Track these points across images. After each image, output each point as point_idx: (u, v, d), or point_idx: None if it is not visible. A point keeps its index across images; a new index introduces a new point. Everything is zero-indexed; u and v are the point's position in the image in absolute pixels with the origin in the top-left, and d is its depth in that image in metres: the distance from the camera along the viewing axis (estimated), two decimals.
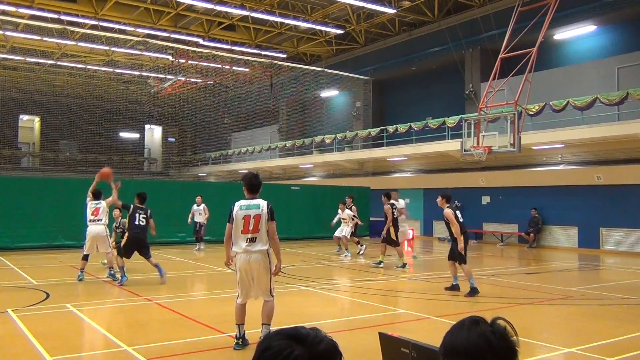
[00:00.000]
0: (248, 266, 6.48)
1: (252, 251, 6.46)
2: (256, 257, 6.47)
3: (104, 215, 11.67)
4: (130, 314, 8.74)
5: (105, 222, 11.71)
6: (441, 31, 24.85)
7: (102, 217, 11.63)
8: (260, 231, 6.46)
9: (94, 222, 11.60)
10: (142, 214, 11.45)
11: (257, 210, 6.48)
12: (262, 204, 6.55)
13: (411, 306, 9.80)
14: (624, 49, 20.89)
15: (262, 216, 6.45)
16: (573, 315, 9.13)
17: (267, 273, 6.53)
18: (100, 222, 11.62)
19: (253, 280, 6.54)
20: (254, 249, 6.47)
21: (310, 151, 32.75)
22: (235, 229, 6.50)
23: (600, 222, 20.20)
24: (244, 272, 6.53)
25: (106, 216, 11.73)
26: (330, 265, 15.36)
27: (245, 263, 6.49)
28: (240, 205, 6.57)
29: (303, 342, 1.33)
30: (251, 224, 6.42)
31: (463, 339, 1.55)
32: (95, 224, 11.60)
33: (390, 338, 2.30)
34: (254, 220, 6.43)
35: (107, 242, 11.74)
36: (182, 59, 30.59)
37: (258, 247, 6.47)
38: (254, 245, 6.47)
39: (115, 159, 43.59)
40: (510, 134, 16.76)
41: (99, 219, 11.61)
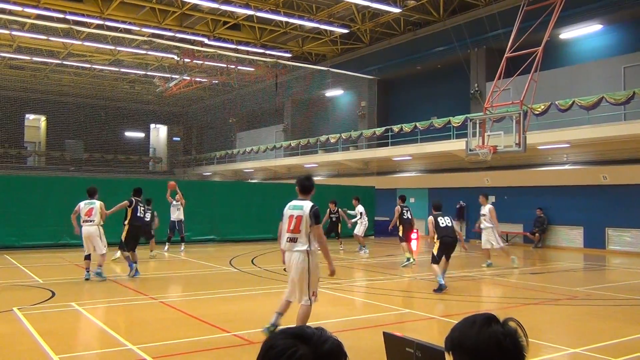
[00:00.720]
0: (289, 264, 6.68)
1: (292, 250, 6.64)
2: (295, 257, 6.60)
3: (97, 216, 11.53)
4: (136, 313, 8.76)
5: (99, 222, 11.56)
6: (446, 30, 24.80)
7: (94, 218, 11.50)
8: (300, 232, 6.56)
9: (87, 222, 11.49)
10: (141, 207, 12.55)
11: (299, 211, 6.60)
12: (306, 206, 6.60)
13: (416, 306, 9.79)
14: (630, 49, 20.79)
15: (303, 217, 6.55)
16: (578, 316, 9.11)
17: (303, 274, 6.57)
18: (93, 223, 11.49)
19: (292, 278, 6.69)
20: (293, 248, 6.62)
21: (315, 150, 32.75)
22: (283, 227, 6.75)
23: (606, 222, 20.12)
24: (288, 269, 6.76)
25: (100, 216, 11.58)
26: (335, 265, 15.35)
27: (287, 260, 6.72)
28: (289, 205, 6.79)
29: (308, 341, 1.33)
30: (293, 224, 6.60)
31: (472, 337, 1.54)
32: (88, 225, 11.49)
33: (394, 338, 2.30)
34: (296, 220, 6.58)
35: (101, 242, 11.56)
36: (187, 58, 30.64)
37: (297, 247, 6.59)
38: (294, 245, 6.62)
39: (121, 158, 43.78)
40: (516, 133, 16.73)
41: (91, 220, 11.49)
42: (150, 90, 40.37)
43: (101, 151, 42.45)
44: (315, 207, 6.58)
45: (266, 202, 22.76)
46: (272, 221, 23.55)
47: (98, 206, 11.61)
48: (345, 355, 1.39)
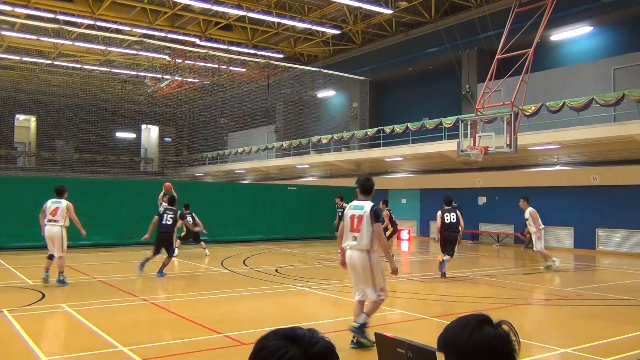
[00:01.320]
0: (351, 262, 6.86)
1: (354, 249, 6.81)
2: (357, 255, 6.79)
3: (62, 217, 10.99)
4: (126, 314, 8.72)
5: (63, 223, 11.00)
6: (438, 32, 24.89)
7: (59, 218, 10.96)
8: (362, 231, 6.74)
9: (51, 222, 10.95)
10: (170, 214, 12.73)
11: (360, 211, 6.81)
12: (367, 206, 6.82)
13: (407, 307, 9.81)
14: (619, 50, 20.96)
15: (364, 217, 6.74)
16: (568, 316, 9.16)
17: (368, 271, 6.76)
18: (56, 223, 10.92)
19: (358, 277, 6.86)
20: (356, 247, 6.80)
21: (307, 151, 32.75)
22: (345, 227, 6.93)
23: (596, 222, 20.25)
24: (350, 268, 6.93)
25: (65, 218, 11.03)
26: (327, 266, 15.36)
27: (349, 259, 6.89)
28: (351, 205, 7.03)
29: (299, 342, 1.32)
30: (355, 223, 6.80)
31: (464, 339, 1.53)
32: (51, 225, 10.93)
33: (386, 338, 2.30)
34: (357, 220, 6.79)
35: (62, 244, 10.95)
36: (178, 58, 30.56)
37: (359, 245, 6.77)
38: (356, 244, 6.80)
39: (112, 159, 43.58)
40: (507, 134, 16.81)
41: (55, 220, 10.97)
42: (142, 91, 40.23)
43: (92, 152, 42.23)
44: (375, 206, 6.83)
45: (258, 203, 22.76)
46: (263, 222, 23.67)
47: (64, 206, 11.06)
48: (337, 357, 1.38)
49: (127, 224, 19.76)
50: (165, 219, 12.62)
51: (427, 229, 26.74)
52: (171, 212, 12.77)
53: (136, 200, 19.93)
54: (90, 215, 19.07)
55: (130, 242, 19.65)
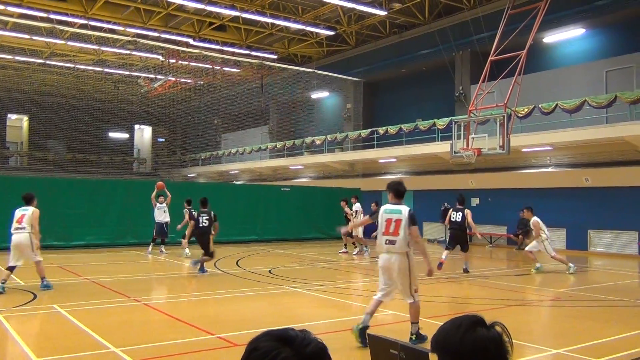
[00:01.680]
0: (389, 265, 6.95)
1: (392, 252, 6.90)
2: (395, 258, 6.88)
3: (29, 224, 10.35)
4: (119, 315, 8.69)
5: (30, 230, 10.34)
6: (431, 33, 24.95)
7: (26, 225, 10.32)
8: (400, 234, 6.86)
9: (17, 230, 10.33)
10: (204, 216, 13.10)
11: (398, 215, 6.92)
12: (404, 210, 6.96)
13: (400, 307, 9.80)
14: (612, 52, 21.08)
15: (403, 220, 6.86)
16: (560, 317, 9.20)
17: (405, 274, 6.88)
18: (23, 230, 10.30)
19: (392, 279, 6.97)
20: (393, 250, 6.90)
21: (300, 152, 32.73)
22: (378, 230, 7.04)
23: (588, 224, 20.35)
24: (384, 270, 7.02)
25: (31, 225, 10.37)
26: (320, 267, 15.36)
27: (386, 262, 6.97)
28: (385, 209, 7.08)
29: (291, 343, 1.32)
30: (392, 226, 6.90)
31: (456, 340, 1.53)
32: (18, 232, 10.31)
33: (379, 339, 2.31)
34: (395, 223, 6.89)
35: (32, 251, 10.34)
36: (172, 59, 30.47)
37: (397, 249, 6.88)
38: (394, 247, 6.89)
39: (105, 159, 43.41)
40: (500, 136, 16.86)
41: (22, 227, 10.31)
42: (135, 91, 40.09)
43: (85, 152, 42.05)
44: (412, 210, 7.03)
45: (251, 204, 22.72)
46: (257, 223, 23.63)
47: (30, 213, 10.42)
48: (329, 358, 1.38)
49: (119, 225, 19.71)
50: (202, 221, 13.11)
51: (420, 230, 26.71)
52: (206, 214, 13.18)
53: (129, 201, 19.87)
54: (82, 216, 19.07)
55: (123, 242, 19.61)
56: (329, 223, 24.76)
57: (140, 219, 20.02)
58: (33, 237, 10.41)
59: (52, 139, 41.35)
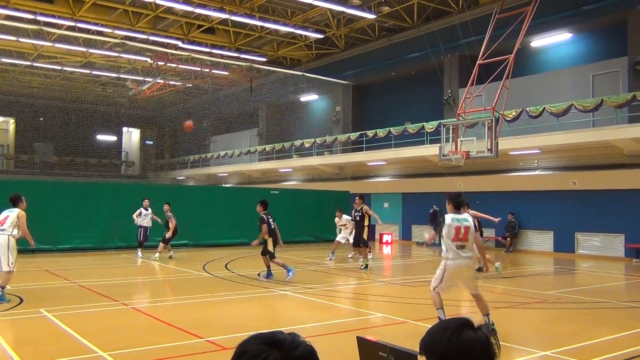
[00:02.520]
0: (459, 269, 7.69)
1: (462, 257, 7.65)
2: (466, 262, 7.69)
3: (11, 226, 9.85)
4: (106, 319, 8.62)
5: (11, 232, 9.82)
6: (420, 37, 25.06)
7: (6, 227, 9.81)
8: (469, 240, 7.69)
9: None
10: (271, 218, 12.83)
11: (466, 222, 7.75)
12: (469, 218, 7.93)
13: (390, 310, 9.83)
14: (598, 57, 21.29)
15: (471, 227, 7.71)
16: (548, 319, 9.25)
17: (473, 275, 7.86)
18: (3, 232, 9.77)
19: (460, 280, 7.82)
20: (464, 255, 7.66)
21: (289, 155, 32.71)
22: (447, 237, 7.66)
23: (575, 226, 20.50)
24: (456, 276, 7.77)
25: (14, 227, 9.88)
26: (309, 270, 15.35)
27: (458, 268, 7.69)
28: (452, 218, 7.77)
29: (280, 346, 1.33)
30: (461, 233, 7.64)
31: (443, 343, 1.54)
32: None
33: (368, 342, 2.30)
34: (464, 230, 7.65)
35: (8, 257, 9.68)
36: (160, 61, 30.35)
37: (467, 253, 7.70)
38: (464, 252, 7.67)
39: (92, 162, 43.10)
40: (488, 139, 16.95)
41: (3, 229, 9.79)
42: (123, 93, 39.88)
43: (72, 154, 41.70)
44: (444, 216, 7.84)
45: (240, 207, 22.64)
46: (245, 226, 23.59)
47: (15, 215, 9.93)
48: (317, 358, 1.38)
49: (107, 228, 19.57)
50: (274, 225, 12.92)
51: (409, 232, 26.85)
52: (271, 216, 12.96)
53: (117, 204, 19.74)
54: (69, 219, 18.91)
55: (110, 246, 19.47)
56: (318, 226, 24.76)
57: (128, 222, 19.88)
58: (12, 241, 9.82)
59: (39, 141, 41.00)
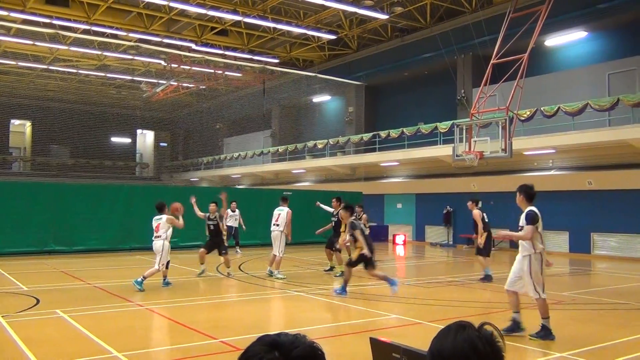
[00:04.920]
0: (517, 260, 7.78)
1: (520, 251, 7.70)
2: (520, 256, 7.70)
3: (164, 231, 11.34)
4: (122, 320, 8.68)
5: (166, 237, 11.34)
6: (433, 37, 24.96)
7: (161, 233, 11.34)
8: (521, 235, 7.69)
9: (155, 237, 11.36)
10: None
11: (522, 216, 7.77)
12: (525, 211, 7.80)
13: (403, 311, 9.79)
14: (614, 55, 21.06)
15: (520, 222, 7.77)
16: (564, 320, 9.16)
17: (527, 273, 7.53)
18: (159, 239, 11.30)
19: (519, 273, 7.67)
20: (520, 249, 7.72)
21: (302, 156, 32.75)
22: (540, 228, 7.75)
23: (591, 227, 20.30)
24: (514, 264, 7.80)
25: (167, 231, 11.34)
26: (323, 271, 15.34)
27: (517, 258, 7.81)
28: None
29: (280, 347, 1.37)
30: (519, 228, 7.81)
31: (449, 343, 1.55)
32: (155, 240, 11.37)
33: (381, 343, 2.30)
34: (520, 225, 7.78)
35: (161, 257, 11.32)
36: (174, 63, 30.56)
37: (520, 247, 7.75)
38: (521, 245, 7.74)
39: (107, 164, 43.48)
40: (502, 139, 16.84)
41: (159, 235, 11.34)
42: (137, 96, 40.20)
43: (87, 157, 42.13)
44: (531, 210, 7.74)
45: (253, 208, 22.69)
46: (258, 227, 23.64)
47: (164, 221, 11.36)
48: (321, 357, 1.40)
49: (122, 230, 19.70)
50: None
51: (422, 233, 26.74)
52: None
53: (131, 206, 19.87)
54: (85, 221, 19.08)
55: (125, 247, 19.61)
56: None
57: (142, 223, 20.00)
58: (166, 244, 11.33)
59: (54, 144, 41.46)
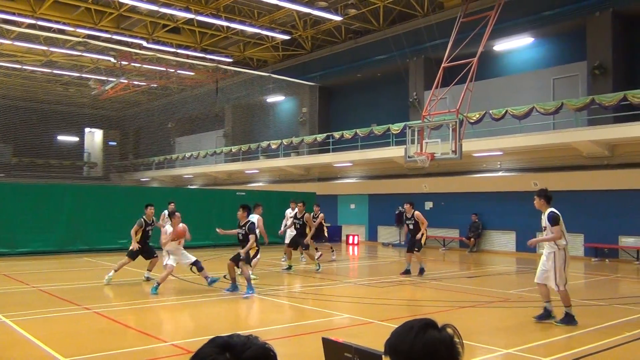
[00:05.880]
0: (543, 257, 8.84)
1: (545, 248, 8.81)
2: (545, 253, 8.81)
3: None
4: (67, 324, 8.42)
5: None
6: (386, 40, 25.28)
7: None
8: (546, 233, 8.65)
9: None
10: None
11: (544, 217, 8.72)
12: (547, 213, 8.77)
13: (356, 311, 9.87)
14: (559, 61, 21.85)
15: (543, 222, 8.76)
16: (511, 317, 9.44)
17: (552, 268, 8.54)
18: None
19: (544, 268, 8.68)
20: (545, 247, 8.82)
21: (256, 156, 32.58)
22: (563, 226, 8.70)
23: (536, 227, 20.69)
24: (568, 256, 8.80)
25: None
26: (275, 272, 15.30)
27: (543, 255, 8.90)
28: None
29: (232, 349, 1.36)
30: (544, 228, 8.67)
31: (407, 343, 1.56)
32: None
33: (333, 343, 2.31)
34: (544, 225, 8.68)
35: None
36: (124, 61, 29.87)
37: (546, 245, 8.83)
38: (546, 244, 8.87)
39: (53, 163, 42.09)
40: (452, 141, 17.17)
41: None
42: (85, 93, 39.10)
43: (32, 155, 40.64)
44: (551, 212, 8.74)
45: (205, 209, 22.43)
46: (211, 228, 23.36)
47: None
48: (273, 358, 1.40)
49: (69, 231, 19.13)
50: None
51: (375, 233, 27.03)
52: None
53: (79, 206, 19.32)
54: (29, 222, 18.42)
55: (72, 249, 19.04)
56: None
57: (90, 224, 19.49)
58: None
59: None
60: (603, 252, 19.25)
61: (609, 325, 8.50)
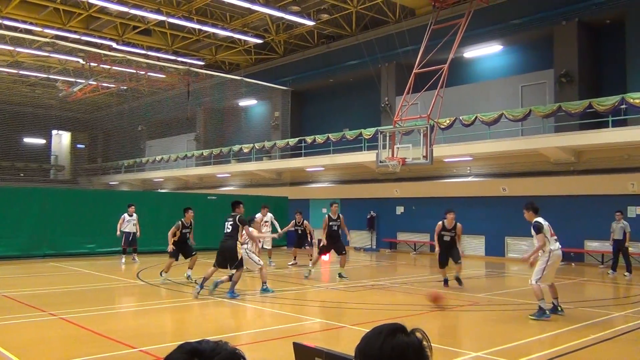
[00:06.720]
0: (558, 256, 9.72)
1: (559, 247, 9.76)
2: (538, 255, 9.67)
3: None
4: (33, 331, 8.22)
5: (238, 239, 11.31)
6: (358, 45, 25.42)
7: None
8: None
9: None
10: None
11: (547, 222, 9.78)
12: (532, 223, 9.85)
13: (327, 315, 9.88)
14: (527, 69, 22.27)
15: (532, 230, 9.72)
16: (479, 321, 9.56)
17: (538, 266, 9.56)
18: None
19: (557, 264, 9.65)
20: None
21: (227, 160, 32.38)
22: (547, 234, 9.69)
23: (505, 231, 21.28)
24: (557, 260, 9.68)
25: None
26: (246, 276, 15.20)
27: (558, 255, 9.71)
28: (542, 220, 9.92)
29: (201, 355, 1.36)
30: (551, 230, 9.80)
31: (376, 347, 1.56)
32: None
33: (304, 348, 2.31)
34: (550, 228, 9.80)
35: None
36: (93, 62, 29.40)
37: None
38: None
39: (19, 166, 41.15)
40: (423, 146, 17.34)
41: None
42: (53, 95, 38.36)
43: None
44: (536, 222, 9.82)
45: (176, 212, 22.15)
46: None
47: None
48: None
49: (34, 236, 18.69)
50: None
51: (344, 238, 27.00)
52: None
53: (45, 210, 18.91)
54: None
55: (38, 254, 18.62)
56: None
57: (57, 228, 19.09)
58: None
59: None
60: (569, 256, 19.63)
61: (575, 328, 8.67)
